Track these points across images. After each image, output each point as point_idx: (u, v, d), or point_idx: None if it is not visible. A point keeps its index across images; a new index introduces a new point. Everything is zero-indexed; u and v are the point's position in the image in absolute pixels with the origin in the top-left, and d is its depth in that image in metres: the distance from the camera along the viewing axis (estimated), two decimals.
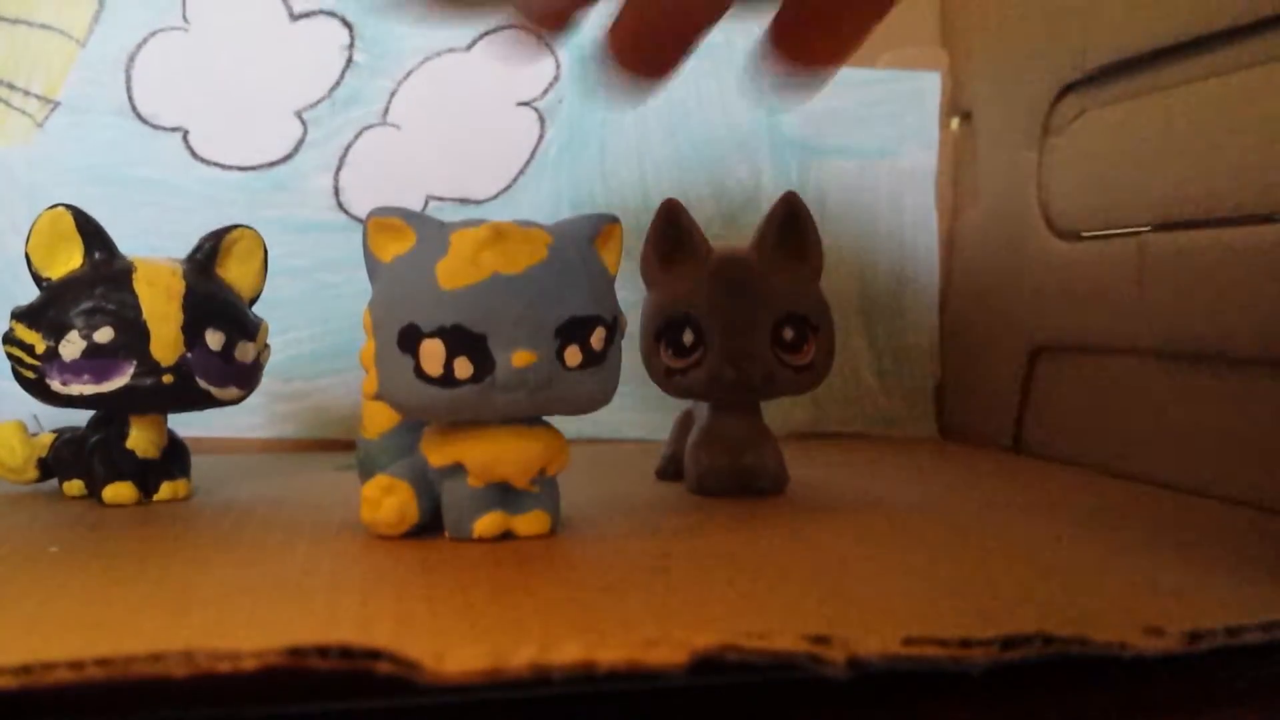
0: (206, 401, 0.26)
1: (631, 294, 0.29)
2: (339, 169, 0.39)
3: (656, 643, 0.14)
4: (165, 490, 0.26)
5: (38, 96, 0.37)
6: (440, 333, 0.19)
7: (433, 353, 0.19)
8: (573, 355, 0.20)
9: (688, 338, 0.26)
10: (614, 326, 0.21)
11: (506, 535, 0.21)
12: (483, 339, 0.19)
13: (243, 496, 0.27)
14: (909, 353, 0.43)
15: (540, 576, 0.19)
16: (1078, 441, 0.34)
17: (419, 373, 0.19)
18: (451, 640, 0.14)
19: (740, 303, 0.26)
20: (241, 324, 0.26)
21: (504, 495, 0.21)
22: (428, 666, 0.13)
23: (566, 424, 0.43)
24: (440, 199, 0.39)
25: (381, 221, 0.20)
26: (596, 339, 0.20)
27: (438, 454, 0.21)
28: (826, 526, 0.23)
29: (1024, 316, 0.37)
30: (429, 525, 0.22)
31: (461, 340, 0.19)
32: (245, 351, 0.26)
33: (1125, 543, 0.22)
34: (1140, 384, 0.31)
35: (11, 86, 0.37)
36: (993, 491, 0.30)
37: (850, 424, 0.42)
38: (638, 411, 0.40)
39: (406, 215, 0.20)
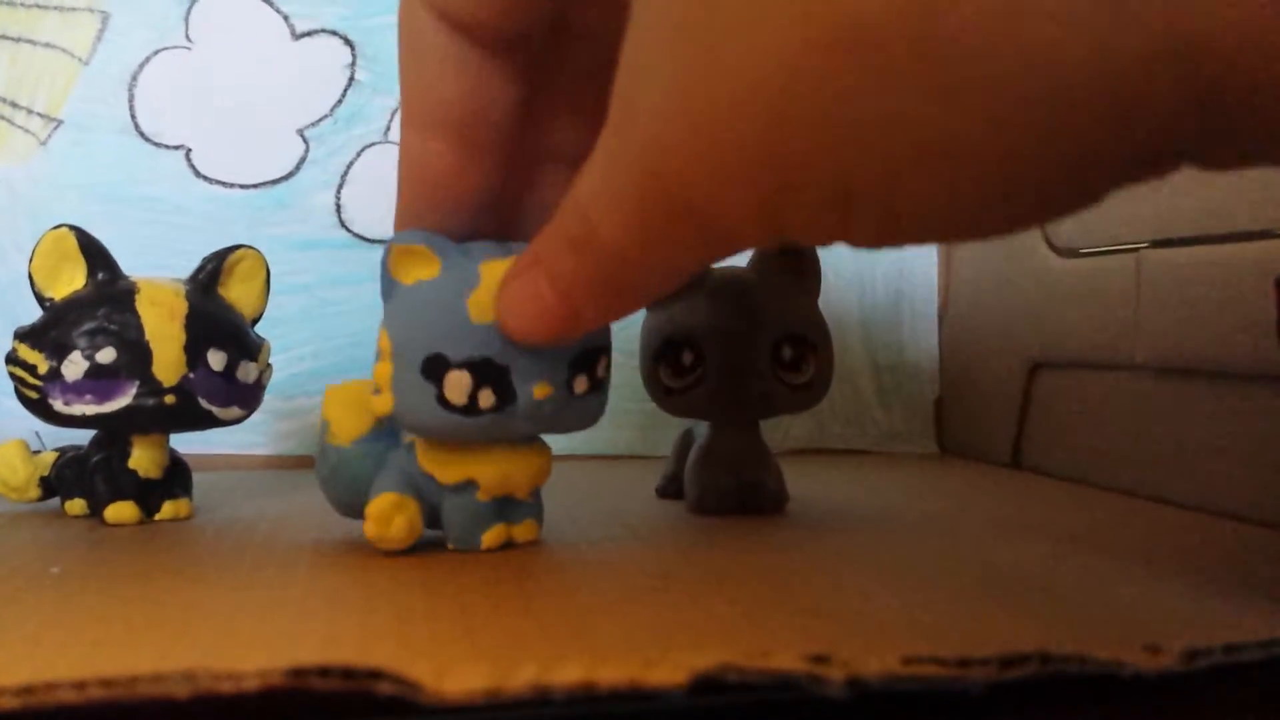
0: (208, 421, 0.26)
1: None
2: (341, 186, 0.39)
3: (657, 662, 0.14)
4: (167, 510, 0.26)
5: (40, 115, 0.38)
6: (468, 364, 0.20)
7: (459, 383, 0.20)
8: (581, 384, 0.21)
9: (687, 357, 0.26)
10: (610, 351, 0.22)
11: (507, 545, 0.23)
12: (506, 371, 0.20)
13: (245, 515, 0.27)
14: (908, 369, 0.43)
15: (540, 595, 0.19)
16: (1076, 457, 0.34)
17: (441, 400, 0.20)
18: (452, 660, 0.14)
19: (739, 322, 0.26)
20: (243, 344, 0.26)
21: (504, 507, 0.22)
22: (428, 686, 0.13)
23: (567, 440, 0.43)
24: None
25: (407, 248, 0.20)
26: (602, 367, 0.21)
27: (447, 471, 0.21)
28: (826, 545, 0.23)
29: (1022, 333, 0.37)
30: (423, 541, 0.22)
31: (487, 373, 0.20)
32: (247, 371, 0.26)
33: (1123, 559, 0.22)
34: (1138, 399, 0.31)
35: (14, 105, 0.38)
36: (991, 508, 0.30)
37: (850, 441, 0.42)
38: (638, 429, 0.40)
39: (432, 242, 0.20)
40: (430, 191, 0.19)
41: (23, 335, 0.25)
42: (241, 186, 0.39)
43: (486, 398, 0.20)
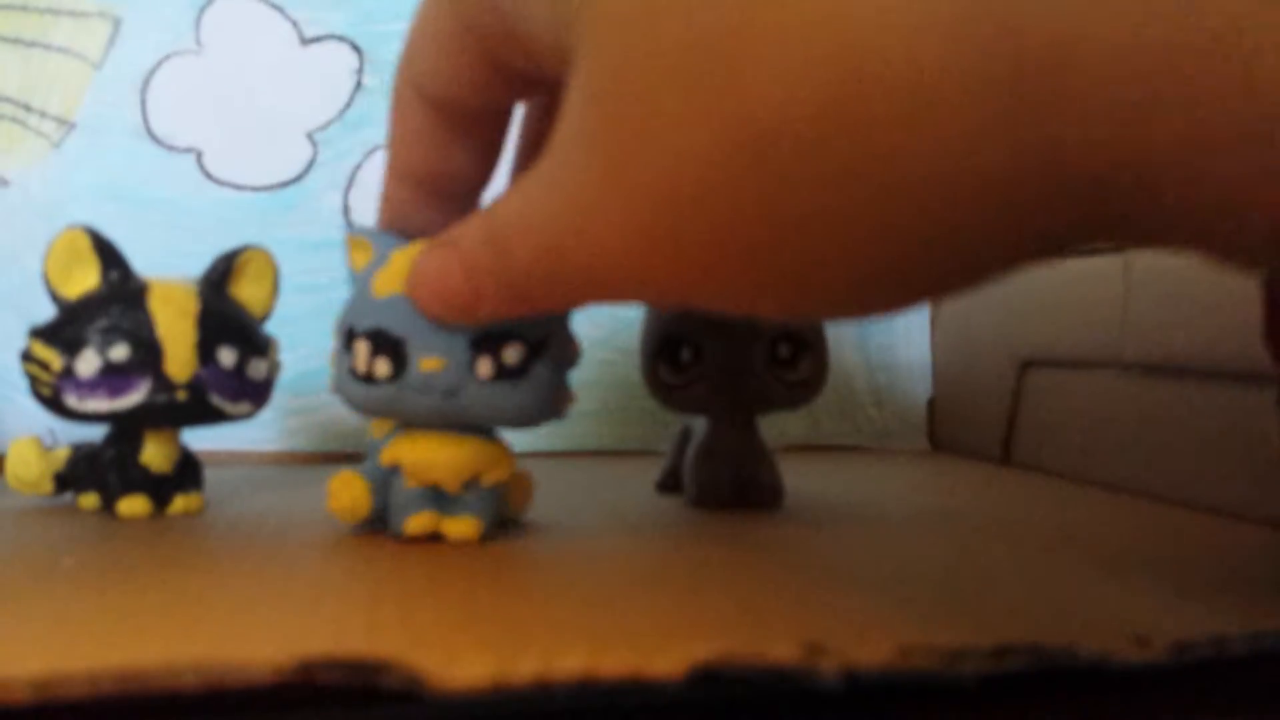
0: (219, 417, 0.26)
1: (633, 310, 0.29)
2: (349, 188, 0.40)
3: (656, 654, 0.14)
4: (178, 504, 0.26)
5: (54, 118, 0.38)
6: (367, 334, 0.21)
7: (360, 352, 0.21)
8: (484, 367, 0.21)
9: (686, 355, 0.26)
10: (538, 346, 0.21)
11: (436, 537, 0.23)
12: (402, 343, 0.21)
13: (254, 509, 0.27)
14: (901, 368, 0.43)
15: (542, 587, 0.19)
16: (1065, 454, 0.35)
17: (352, 370, 0.21)
18: (456, 652, 0.15)
19: (736, 321, 0.26)
20: (253, 341, 0.27)
21: (439, 498, 0.22)
22: (433, 678, 0.14)
23: (568, 436, 0.43)
24: None
25: (355, 240, 0.22)
26: (510, 353, 0.21)
27: (385, 454, 0.22)
28: (822, 538, 0.24)
29: (1013, 332, 0.37)
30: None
31: (382, 342, 0.21)
32: (257, 368, 0.26)
33: (1113, 554, 0.22)
34: (1127, 398, 0.31)
35: (28, 108, 0.38)
36: (982, 503, 0.30)
37: (845, 437, 0.43)
38: (638, 425, 0.41)
39: (370, 234, 0.22)
40: (395, 224, 0.22)
41: (38, 333, 0.25)
42: (252, 188, 0.39)
43: (382, 366, 0.21)
